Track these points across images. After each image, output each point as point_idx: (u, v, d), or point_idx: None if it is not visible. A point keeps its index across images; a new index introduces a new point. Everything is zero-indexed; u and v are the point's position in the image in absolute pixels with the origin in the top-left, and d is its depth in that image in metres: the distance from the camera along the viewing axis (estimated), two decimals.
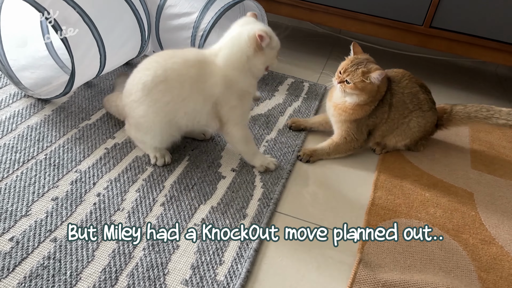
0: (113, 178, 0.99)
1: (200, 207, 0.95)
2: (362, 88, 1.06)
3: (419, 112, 1.15)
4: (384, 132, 1.16)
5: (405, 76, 1.16)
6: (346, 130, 1.13)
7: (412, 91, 1.14)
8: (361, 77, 1.05)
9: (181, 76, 0.95)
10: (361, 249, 0.90)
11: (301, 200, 1.02)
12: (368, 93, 1.07)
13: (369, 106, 1.10)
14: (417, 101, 1.14)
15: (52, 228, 0.84)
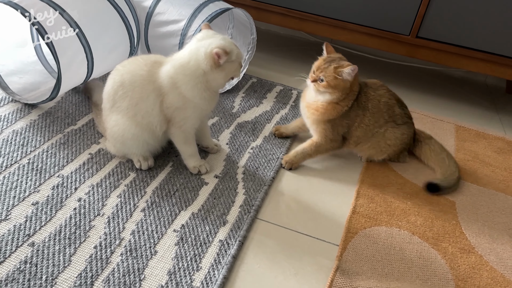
0: (95, 183, 0.99)
1: (180, 213, 0.95)
2: (335, 85, 1.06)
3: (394, 124, 1.15)
4: (358, 138, 1.15)
5: (383, 86, 1.17)
6: (322, 131, 1.12)
7: (389, 102, 1.14)
8: (333, 74, 1.05)
9: (134, 77, 0.97)
10: (339, 257, 0.91)
11: (282, 207, 1.03)
12: (341, 91, 1.07)
13: (341, 106, 1.09)
14: (392, 113, 1.14)
15: (31, 233, 0.84)
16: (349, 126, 1.13)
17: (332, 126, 1.12)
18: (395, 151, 1.18)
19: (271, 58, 1.81)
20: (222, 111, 1.35)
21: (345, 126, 1.13)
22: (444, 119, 1.52)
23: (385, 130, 1.14)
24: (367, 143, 1.16)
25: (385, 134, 1.15)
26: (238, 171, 1.11)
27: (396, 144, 1.16)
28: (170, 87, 0.96)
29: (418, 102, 1.65)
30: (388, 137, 1.15)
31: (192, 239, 0.89)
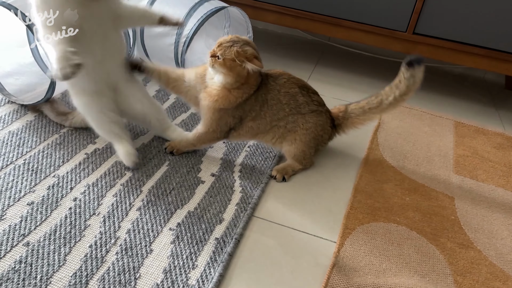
0: (91, 183, 0.99)
1: (176, 212, 0.95)
2: (230, 67, 0.97)
3: (298, 116, 1.06)
4: (252, 129, 1.06)
5: (285, 75, 1.08)
6: (208, 119, 1.04)
7: (290, 91, 1.05)
8: (233, 56, 0.96)
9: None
10: (336, 253, 0.90)
11: (279, 204, 1.02)
12: (235, 76, 0.98)
13: (234, 97, 1.00)
14: (295, 104, 1.05)
15: (26, 233, 0.84)
16: (241, 119, 1.04)
17: (221, 116, 1.03)
18: (303, 143, 1.08)
19: (269, 57, 1.81)
20: None
21: (236, 118, 1.04)
22: (443, 116, 1.51)
23: (286, 123, 1.06)
24: (268, 135, 1.08)
25: (286, 126, 1.06)
26: (235, 169, 1.11)
27: (303, 135, 1.07)
28: None
29: (417, 99, 1.64)
30: (290, 129, 1.07)
31: (188, 237, 0.89)
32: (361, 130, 1.37)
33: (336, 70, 1.78)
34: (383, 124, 1.41)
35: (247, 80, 1.00)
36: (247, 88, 1.01)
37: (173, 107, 1.33)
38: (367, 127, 1.39)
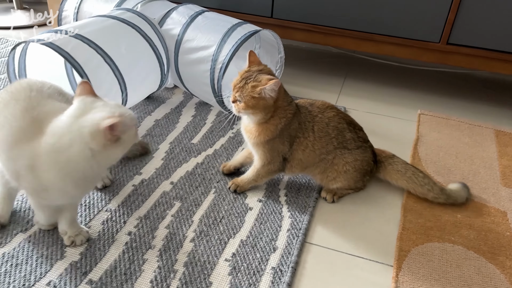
0: (143, 215, 1.00)
1: (229, 241, 0.95)
2: (254, 105, 0.96)
3: (345, 150, 1.05)
4: (302, 162, 1.06)
5: (332, 108, 1.07)
6: (261, 153, 1.04)
7: (338, 126, 1.05)
8: (251, 94, 0.95)
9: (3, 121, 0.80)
10: (395, 278, 0.89)
11: (329, 228, 1.02)
12: (263, 110, 0.97)
13: (274, 126, 1.00)
14: (342, 138, 1.05)
15: (87, 270, 0.85)
16: (290, 145, 1.04)
17: (272, 146, 1.02)
18: (350, 178, 1.07)
19: (295, 72, 1.81)
20: None
21: (286, 145, 1.03)
22: (482, 125, 1.49)
23: (333, 157, 1.05)
24: (317, 168, 1.07)
25: (333, 161, 1.06)
26: (280, 194, 1.11)
27: (348, 171, 1.06)
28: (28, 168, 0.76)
29: (452, 108, 1.62)
30: (336, 163, 1.06)
31: (245, 268, 0.89)
32: (400, 144, 1.37)
33: (366, 83, 1.78)
34: (422, 137, 1.40)
35: (276, 106, 0.99)
36: (281, 112, 1.01)
37: (211, 132, 1.35)
38: (405, 141, 1.38)
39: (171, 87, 1.58)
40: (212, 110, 1.47)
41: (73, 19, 1.57)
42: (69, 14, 1.58)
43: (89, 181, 0.81)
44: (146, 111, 1.43)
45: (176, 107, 1.48)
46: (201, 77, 1.35)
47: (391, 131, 1.45)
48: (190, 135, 1.32)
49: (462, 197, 1.09)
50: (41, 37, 1.12)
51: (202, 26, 1.37)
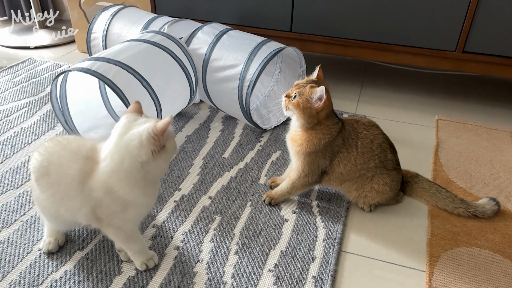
0: (187, 230, 1.07)
1: (270, 252, 1.02)
2: (303, 108, 1.03)
3: (384, 170, 1.10)
4: (342, 176, 1.10)
5: (377, 127, 1.12)
6: (301, 164, 1.09)
7: (382, 145, 1.09)
8: (308, 95, 1.02)
9: (61, 172, 0.85)
10: (428, 283, 0.95)
11: (362, 237, 1.08)
12: (307, 117, 1.03)
13: (317, 139, 1.05)
14: (384, 158, 1.09)
15: (144, 284, 0.92)
16: (331, 160, 1.09)
17: (313, 159, 1.08)
18: (384, 199, 1.14)
19: None
20: (283, 145, 1.42)
21: (327, 159, 1.08)
22: (499, 128, 1.54)
23: (373, 175, 1.10)
24: (354, 184, 1.12)
25: (372, 179, 1.10)
26: (313, 204, 1.17)
27: (385, 191, 1.11)
28: (104, 193, 0.83)
29: (469, 112, 1.67)
30: (375, 182, 1.10)
31: (288, 278, 0.95)
32: (421, 150, 1.43)
33: (383, 90, 1.83)
34: (442, 143, 1.46)
35: (319, 120, 1.05)
36: (325, 128, 1.06)
37: (240, 146, 1.42)
38: (425, 147, 1.44)
39: (197, 102, 1.65)
40: (239, 124, 1.54)
41: (102, 41, 1.65)
42: (98, 36, 1.66)
43: (152, 188, 0.88)
44: (177, 127, 1.50)
45: (204, 122, 1.55)
46: (229, 94, 1.42)
47: (411, 137, 1.51)
48: (221, 150, 1.40)
49: (488, 209, 1.12)
50: (83, 65, 1.19)
51: (228, 45, 1.44)
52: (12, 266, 0.96)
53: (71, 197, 0.85)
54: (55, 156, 0.86)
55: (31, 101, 1.64)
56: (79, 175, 0.84)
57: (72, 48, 2.20)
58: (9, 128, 1.46)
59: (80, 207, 0.86)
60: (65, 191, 0.85)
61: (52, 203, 0.88)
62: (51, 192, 0.87)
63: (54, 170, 0.85)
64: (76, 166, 0.84)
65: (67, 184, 0.85)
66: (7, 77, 1.82)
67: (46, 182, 0.86)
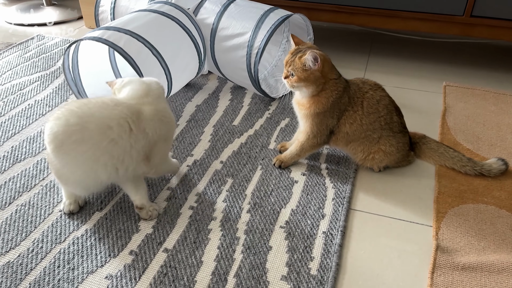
0: (201, 191, 1.11)
1: (281, 211, 1.05)
2: (306, 78, 1.03)
3: (390, 132, 1.11)
4: (348, 136, 1.12)
5: (383, 90, 1.13)
6: (309, 125, 1.11)
7: (388, 107, 1.11)
8: (300, 65, 1.03)
9: (103, 119, 0.88)
10: (435, 236, 0.98)
11: (371, 196, 1.11)
12: (314, 82, 1.04)
13: (325, 98, 1.07)
14: (390, 120, 1.10)
15: (161, 241, 0.97)
16: (338, 118, 1.10)
17: (321, 120, 1.09)
18: (392, 160, 1.15)
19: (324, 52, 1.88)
20: (292, 112, 1.43)
21: (335, 118, 1.10)
22: (507, 93, 1.54)
23: (379, 136, 1.11)
24: (360, 145, 1.13)
25: (379, 140, 1.11)
26: (322, 167, 1.20)
27: (392, 152, 1.12)
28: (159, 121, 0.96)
29: (477, 78, 1.68)
30: (382, 144, 1.11)
31: (299, 233, 0.99)
32: (428, 115, 1.44)
33: (390, 59, 1.84)
34: (449, 108, 1.47)
35: (326, 78, 1.06)
36: (332, 85, 1.07)
37: (249, 114, 1.44)
38: (433, 112, 1.45)
39: (206, 73, 1.67)
40: (247, 93, 1.56)
41: (110, 14, 1.66)
42: (106, 9, 1.67)
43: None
44: (187, 98, 1.53)
45: (213, 92, 1.58)
46: (237, 63, 1.43)
47: (418, 103, 1.52)
48: (230, 118, 1.42)
49: (495, 168, 1.14)
50: (94, 34, 1.21)
51: (235, 14, 1.44)
52: (35, 226, 1.00)
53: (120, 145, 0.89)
54: (84, 110, 0.88)
55: (42, 75, 1.66)
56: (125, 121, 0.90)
57: (80, 24, 2.21)
58: (23, 100, 1.49)
59: (129, 149, 0.91)
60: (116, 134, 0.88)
61: (87, 159, 0.88)
62: (89, 145, 0.86)
63: (90, 127, 0.86)
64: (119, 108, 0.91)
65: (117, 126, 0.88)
66: (18, 52, 1.84)
67: (81, 136, 0.85)
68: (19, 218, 1.02)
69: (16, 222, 1.01)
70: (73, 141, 0.85)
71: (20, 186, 1.12)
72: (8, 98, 1.50)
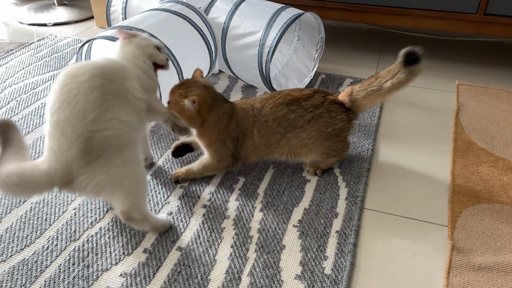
0: (213, 190, 1.11)
1: (294, 210, 1.05)
2: (180, 111, 1.02)
3: (296, 130, 1.07)
4: (255, 156, 1.10)
5: (269, 101, 1.08)
6: (209, 153, 1.09)
7: (277, 115, 1.06)
8: (177, 100, 1.02)
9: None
10: (451, 236, 0.97)
11: (384, 196, 1.10)
12: (187, 118, 1.03)
13: (208, 132, 1.05)
14: (287, 123, 1.06)
15: (175, 239, 0.97)
16: (236, 144, 1.07)
17: (216, 148, 1.07)
18: (317, 147, 1.09)
19: (331, 51, 1.87)
20: None
21: (231, 144, 1.07)
22: None
23: (288, 139, 1.08)
24: (274, 154, 1.11)
25: (291, 142, 1.08)
26: (334, 166, 1.19)
27: (308, 144, 1.08)
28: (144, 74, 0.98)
29: (490, 77, 1.66)
30: (297, 144, 1.08)
31: (312, 232, 0.99)
32: (441, 114, 1.43)
33: None
34: (463, 106, 1.45)
35: (202, 118, 1.03)
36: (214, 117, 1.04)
37: None
38: (446, 111, 1.44)
39: (216, 72, 1.67)
40: (258, 92, 1.56)
41: (121, 14, 1.67)
42: (117, 9, 1.68)
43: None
44: None
45: (224, 91, 1.57)
46: (248, 61, 1.43)
47: (431, 102, 1.51)
48: None
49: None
50: (107, 33, 1.22)
51: (247, 12, 1.44)
52: (49, 223, 1.01)
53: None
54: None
55: (55, 75, 1.68)
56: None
57: (91, 24, 2.22)
58: (37, 99, 1.51)
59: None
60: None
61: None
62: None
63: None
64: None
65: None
66: (30, 52, 1.86)
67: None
68: (34, 216, 1.03)
69: (30, 220, 1.02)
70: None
71: None
72: (22, 97, 1.51)
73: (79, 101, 0.79)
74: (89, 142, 0.78)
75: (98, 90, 0.81)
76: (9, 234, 0.98)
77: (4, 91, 1.56)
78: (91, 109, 0.79)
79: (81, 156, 0.78)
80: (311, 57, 1.60)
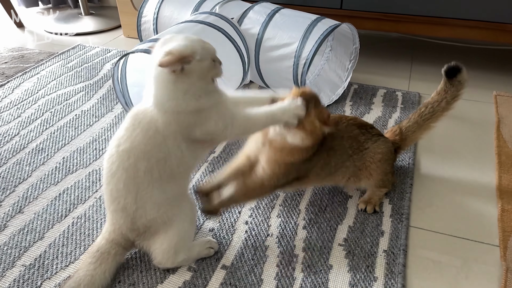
0: (254, 206, 1.09)
1: (338, 227, 1.03)
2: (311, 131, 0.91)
3: (363, 152, 1.03)
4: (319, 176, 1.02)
5: (342, 118, 1.05)
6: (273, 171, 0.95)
7: (351, 135, 1.03)
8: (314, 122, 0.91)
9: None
10: (503, 257, 0.94)
11: (429, 213, 1.07)
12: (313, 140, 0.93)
13: (306, 150, 0.95)
14: (357, 144, 1.03)
15: (219, 257, 0.95)
16: (307, 170, 0.99)
17: (290, 168, 0.96)
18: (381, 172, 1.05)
19: (360, 60, 1.84)
20: None
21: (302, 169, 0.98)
22: None
23: (353, 161, 1.03)
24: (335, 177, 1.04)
25: (355, 164, 1.03)
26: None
27: (376, 167, 1.04)
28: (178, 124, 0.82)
29: None
30: (360, 167, 1.04)
31: (359, 251, 0.96)
32: (481, 127, 1.39)
33: (434, 66, 1.78)
34: (503, 118, 1.41)
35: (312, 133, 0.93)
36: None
37: None
38: (485, 123, 1.40)
39: (247, 83, 1.66)
40: None
41: (152, 25, 1.67)
42: (148, 20, 1.68)
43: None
44: None
45: None
46: (283, 73, 1.42)
47: (469, 114, 1.47)
48: None
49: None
50: (143, 46, 1.22)
51: (281, 23, 1.43)
52: (92, 239, 1.00)
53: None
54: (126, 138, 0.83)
55: (86, 85, 1.68)
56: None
57: (118, 33, 2.24)
58: (70, 111, 1.51)
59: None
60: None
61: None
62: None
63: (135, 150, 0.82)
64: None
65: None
66: (60, 62, 1.87)
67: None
68: (76, 231, 1.03)
69: (73, 235, 1.01)
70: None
71: (75, 198, 1.13)
72: (55, 108, 1.52)
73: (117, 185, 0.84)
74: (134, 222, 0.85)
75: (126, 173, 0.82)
76: (52, 250, 0.98)
77: (38, 101, 1.57)
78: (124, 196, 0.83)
79: (131, 230, 0.87)
80: (344, 67, 1.58)
